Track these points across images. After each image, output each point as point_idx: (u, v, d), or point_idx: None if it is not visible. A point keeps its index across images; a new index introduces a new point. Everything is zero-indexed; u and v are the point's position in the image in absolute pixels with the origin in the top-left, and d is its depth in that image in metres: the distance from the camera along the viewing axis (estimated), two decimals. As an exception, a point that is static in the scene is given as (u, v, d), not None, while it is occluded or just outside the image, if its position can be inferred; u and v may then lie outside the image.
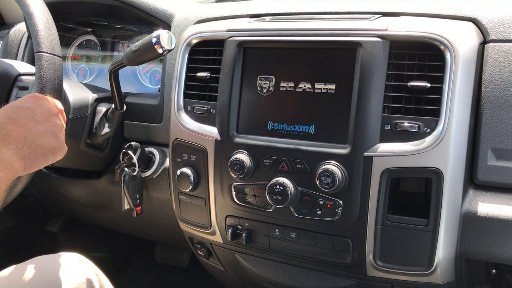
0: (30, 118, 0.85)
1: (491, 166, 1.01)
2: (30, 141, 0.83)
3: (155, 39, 1.12)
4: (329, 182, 1.02)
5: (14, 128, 0.82)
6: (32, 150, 0.83)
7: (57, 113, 0.91)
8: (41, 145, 0.85)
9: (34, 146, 0.84)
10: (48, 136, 0.87)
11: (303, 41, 1.08)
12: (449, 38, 0.97)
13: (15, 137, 0.81)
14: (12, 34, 1.72)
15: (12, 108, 0.85)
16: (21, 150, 0.81)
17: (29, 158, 0.83)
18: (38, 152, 0.84)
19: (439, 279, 1.04)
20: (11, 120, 0.83)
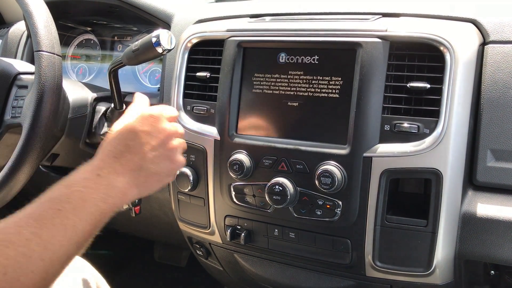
0: (146, 144, 0.84)
1: (491, 167, 1.01)
2: (145, 169, 0.83)
3: (155, 39, 1.12)
4: (328, 182, 1.02)
5: (132, 157, 0.82)
6: (147, 178, 0.84)
7: (172, 134, 0.89)
8: (156, 172, 0.85)
9: (149, 173, 0.84)
10: (163, 161, 0.86)
11: (303, 41, 1.08)
12: (449, 39, 0.97)
13: (131, 166, 0.82)
14: (12, 33, 1.72)
15: (129, 133, 0.85)
16: (136, 179, 0.82)
17: (144, 186, 0.84)
18: (153, 179, 0.85)
19: (438, 280, 1.05)
20: (129, 148, 0.83)
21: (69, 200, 0.73)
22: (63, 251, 0.69)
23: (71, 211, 0.72)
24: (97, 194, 0.76)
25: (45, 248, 0.66)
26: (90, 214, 0.74)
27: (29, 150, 1.09)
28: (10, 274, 0.62)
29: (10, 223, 0.68)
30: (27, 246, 0.65)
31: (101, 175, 0.79)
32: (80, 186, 0.76)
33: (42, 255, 0.66)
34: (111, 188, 0.79)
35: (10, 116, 1.21)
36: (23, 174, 1.10)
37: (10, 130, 1.21)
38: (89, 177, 0.79)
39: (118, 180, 0.80)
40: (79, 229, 0.72)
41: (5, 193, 1.11)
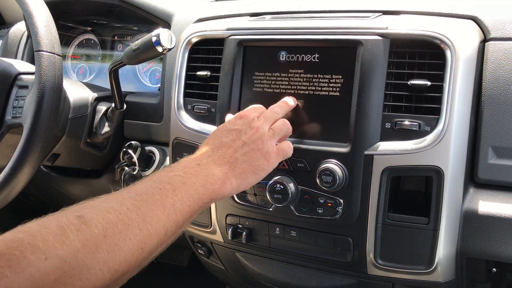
0: (237, 139, 0.93)
1: (492, 164, 1.01)
2: (241, 162, 0.91)
3: (155, 38, 1.12)
4: (329, 180, 1.01)
5: (226, 150, 0.91)
6: (243, 169, 0.90)
7: (264, 132, 0.96)
8: (251, 164, 0.92)
9: (245, 165, 0.91)
10: (255, 154, 0.93)
11: (303, 39, 1.08)
12: (450, 37, 0.97)
13: (228, 158, 0.90)
14: (12, 33, 1.72)
15: (222, 131, 0.95)
16: (233, 171, 0.89)
17: (241, 177, 0.90)
18: (249, 171, 0.91)
19: (439, 278, 1.04)
20: (223, 143, 0.92)
21: (169, 181, 0.79)
22: (161, 226, 0.73)
23: (171, 191, 0.77)
24: (196, 179, 0.82)
25: (144, 219, 0.71)
26: (189, 196, 0.79)
27: (30, 150, 1.09)
28: (109, 238, 0.65)
29: (113, 196, 0.74)
30: (127, 215, 0.69)
31: (200, 164, 0.86)
32: (181, 171, 0.82)
33: (140, 225, 0.70)
34: (210, 175, 0.85)
35: (11, 116, 1.21)
36: (24, 174, 1.10)
37: (11, 130, 1.21)
38: (190, 165, 0.85)
39: (216, 170, 0.87)
40: (178, 208, 0.77)
41: (6, 193, 1.11)
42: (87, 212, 0.67)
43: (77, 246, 0.61)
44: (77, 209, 0.68)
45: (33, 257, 0.57)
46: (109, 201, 0.71)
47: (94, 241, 0.64)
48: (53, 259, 0.59)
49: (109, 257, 0.65)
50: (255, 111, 1.00)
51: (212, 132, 0.96)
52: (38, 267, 0.57)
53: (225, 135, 0.93)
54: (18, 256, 0.57)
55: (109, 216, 0.67)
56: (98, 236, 0.64)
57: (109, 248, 0.65)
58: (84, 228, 0.64)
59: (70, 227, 0.63)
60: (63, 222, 0.63)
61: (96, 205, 0.69)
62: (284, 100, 1.06)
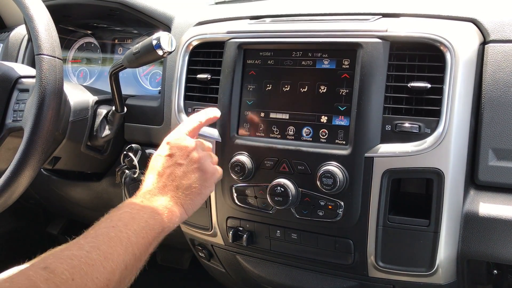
0: (173, 165, 0.94)
1: (492, 166, 1.01)
2: (182, 187, 0.93)
3: (156, 41, 1.12)
4: (330, 183, 1.01)
5: (165, 181, 0.93)
6: (186, 195, 0.93)
7: (195, 147, 0.97)
8: (191, 186, 0.94)
9: (187, 190, 0.93)
10: (193, 173, 0.95)
11: (303, 42, 1.08)
12: (449, 39, 0.97)
13: (168, 187, 0.92)
14: (13, 37, 1.72)
15: (157, 161, 0.96)
16: (178, 198, 0.92)
17: (186, 203, 0.93)
18: (193, 193, 0.93)
19: (440, 280, 1.04)
20: (161, 173, 0.94)
21: (120, 218, 0.82)
22: (121, 260, 0.76)
23: (123, 226, 0.81)
24: (144, 212, 0.85)
25: (105, 257, 0.74)
26: (142, 228, 0.82)
27: (31, 153, 1.09)
28: (77, 280, 0.68)
29: (71, 243, 0.76)
30: (89, 256, 0.72)
31: (144, 200, 0.89)
32: (128, 208, 0.86)
33: (103, 263, 0.73)
34: (156, 207, 0.88)
35: (12, 120, 1.21)
36: (25, 178, 1.10)
37: (11, 133, 1.21)
38: (135, 202, 0.89)
39: (160, 200, 0.90)
40: (133, 241, 0.80)
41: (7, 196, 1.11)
42: (51, 263, 0.69)
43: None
44: (40, 262, 0.70)
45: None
46: (69, 249, 0.74)
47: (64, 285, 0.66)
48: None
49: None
50: (177, 131, 1.01)
51: (149, 167, 0.98)
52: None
53: (159, 165, 0.95)
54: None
55: (72, 262, 0.70)
56: (67, 280, 0.67)
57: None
58: (52, 276, 0.66)
59: (39, 278, 0.65)
60: (31, 275, 0.65)
61: (57, 255, 0.72)
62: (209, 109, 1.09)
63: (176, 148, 0.96)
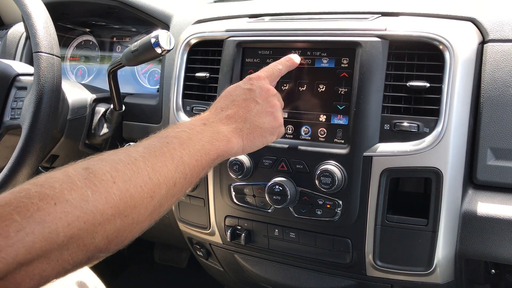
0: (250, 100, 0.90)
1: (491, 166, 1.01)
2: (249, 121, 0.89)
3: (154, 39, 1.12)
4: (328, 182, 1.01)
5: (237, 109, 0.89)
6: (250, 130, 0.89)
7: (275, 94, 0.95)
8: (259, 125, 0.90)
9: (253, 126, 0.89)
10: (266, 116, 0.92)
11: (302, 41, 1.08)
12: (448, 38, 0.97)
13: (236, 118, 0.88)
14: (11, 34, 1.71)
15: (235, 90, 0.92)
16: (240, 130, 0.87)
17: (248, 138, 0.88)
18: (257, 133, 0.89)
19: (438, 279, 1.04)
20: (235, 102, 0.90)
21: (176, 136, 0.78)
22: (170, 176, 0.72)
23: (178, 144, 0.76)
24: (202, 136, 0.81)
25: (153, 169, 0.70)
26: (196, 150, 0.78)
27: (29, 151, 1.09)
28: (119, 184, 0.65)
29: (119, 150, 0.72)
30: (135, 164, 0.68)
31: (206, 124, 0.85)
32: (187, 128, 0.81)
33: (150, 174, 0.69)
34: (216, 133, 0.83)
35: (10, 118, 1.21)
36: (23, 176, 1.10)
37: (9, 131, 1.21)
38: (196, 123, 0.84)
39: (223, 128, 0.85)
40: (186, 161, 0.75)
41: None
42: (94, 164, 0.66)
43: (87, 192, 0.61)
44: (83, 163, 0.66)
45: (41, 203, 0.57)
46: (117, 154, 0.70)
47: (104, 187, 0.63)
48: (62, 203, 0.58)
49: (121, 203, 0.64)
50: (262, 72, 0.98)
51: (226, 90, 0.94)
52: (48, 211, 0.57)
53: (237, 94, 0.91)
54: (26, 203, 0.56)
55: (117, 166, 0.67)
56: (108, 182, 0.64)
57: (120, 194, 0.64)
58: (92, 177, 0.63)
59: (77, 176, 0.62)
60: (70, 172, 0.62)
61: (103, 158, 0.68)
62: (289, 57, 1.05)
63: (258, 86, 0.93)
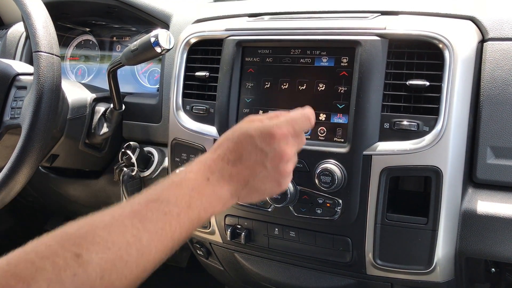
0: (259, 163, 0.81)
1: (490, 164, 1.01)
2: (250, 185, 0.81)
3: (154, 39, 1.12)
4: (328, 181, 1.01)
5: (242, 169, 0.80)
6: (250, 192, 0.82)
7: (290, 159, 0.84)
8: (260, 190, 0.83)
9: (253, 190, 0.82)
10: (271, 182, 0.83)
11: (302, 40, 1.08)
12: (448, 37, 0.97)
13: (239, 178, 0.80)
14: (10, 34, 1.71)
15: (248, 143, 0.81)
16: (239, 192, 0.81)
17: (244, 198, 0.82)
18: (255, 195, 0.83)
19: (438, 278, 1.04)
20: (241, 160, 0.80)
21: (177, 203, 0.72)
22: (157, 257, 0.68)
23: (175, 216, 0.71)
24: (201, 200, 0.75)
25: (143, 254, 0.65)
26: (191, 221, 0.73)
27: (29, 151, 1.09)
28: (105, 279, 0.61)
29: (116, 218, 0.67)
30: (127, 250, 0.63)
31: (210, 179, 0.78)
32: (190, 189, 0.75)
33: (138, 261, 0.65)
34: (215, 197, 0.78)
35: (9, 117, 1.21)
36: (23, 175, 1.10)
37: (9, 131, 1.21)
38: (199, 178, 0.77)
39: (223, 189, 0.79)
40: (176, 236, 0.71)
41: (4, 194, 1.11)
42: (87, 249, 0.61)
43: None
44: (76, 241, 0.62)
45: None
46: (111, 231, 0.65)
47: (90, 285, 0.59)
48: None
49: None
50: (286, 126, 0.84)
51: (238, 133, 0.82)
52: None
53: (248, 150, 0.81)
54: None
55: (108, 253, 0.62)
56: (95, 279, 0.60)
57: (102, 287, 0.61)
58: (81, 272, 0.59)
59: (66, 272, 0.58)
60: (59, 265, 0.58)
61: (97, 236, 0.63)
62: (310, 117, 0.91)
63: (273, 148, 0.81)
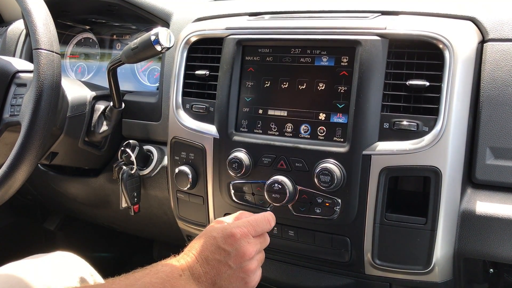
0: (223, 263, 0.87)
1: (490, 165, 1.01)
2: (218, 285, 0.87)
3: (154, 37, 1.12)
4: (327, 180, 1.02)
5: (208, 270, 0.86)
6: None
7: (252, 255, 0.90)
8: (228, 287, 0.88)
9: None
10: (236, 281, 0.89)
11: (302, 39, 1.08)
12: (448, 37, 0.97)
13: (207, 279, 0.86)
14: (10, 31, 1.71)
15: (211, 245, 0.88)
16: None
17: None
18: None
19: (437, 278, 1.05)
20: (208, 261, 0.87)
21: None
22: None
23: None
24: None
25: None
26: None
27: (28, 148, 1.08)
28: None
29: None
30: None
31: (182, 276, 0.85)
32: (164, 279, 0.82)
33: None
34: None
35: (9, 114, 1.20)
36: (22, 173, 1.09)
37: (9, 128, 1.20)
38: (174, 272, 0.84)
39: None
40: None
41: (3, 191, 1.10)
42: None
43: None
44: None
45: None
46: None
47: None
48: None
49: None
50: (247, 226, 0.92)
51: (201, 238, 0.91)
52: None
53: (211, 251, 0.88)
54: None
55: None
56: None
57: None
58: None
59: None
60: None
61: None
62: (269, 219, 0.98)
63: (234, 247, 0.88)
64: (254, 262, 0.91)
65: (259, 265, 0.94)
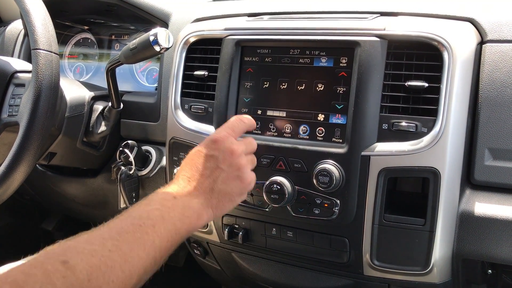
0: (214, 168, 0.90)
1: (488, 166, 1.01)
2: (217, 191, 0.89)
3: (153, 37, 1.12)
4: (326, 181, 1.01)
5: (203, 180, 0.89)
6: (219, 199, 0.90)
7: (240, 153, 0.93)
8: (227, 192, 0.91)
9: (221, 195, 0.90)
10: (233, 181, 0.91)
11: (301, 40, 1.08)
12: (447, 38, 0.97)
13: (204, 188, 0.89)
14: (9, 31, 1.71)
15: (198, 157, 0.92)
16: (209, 201, 0.89)
17: (217, 207, 0.90)
18: (225, 200, 0.90)
19: (435, 279, 1.05)
20: (200, 172, 0.90)
21: (149, 216, 0.79)
22: (141, 264, 0.74)
23: (150, 227, 0.77)
24: (174, 213, 0.82)
25: (126, 260, 0.71)
26: (168, 231, 0.80)
27: (26, 148, 1.08)
28: (93, 282, 0.66)
29: (94, 235, 0.73)
30: (110, 257, 0.70)
31: (177, 197, 0.86)
32: (159, 205, 0.82)
33: (123, 267, 0.70)
34: (187, 208, 0.85)
35: (7, 115, 1.20)
36: (20, 173, 1.09)
37: (7, 128, 1.20)
38: (167, 197, 0.85)
39: (193, 202, 0.87)
40: (157, 245, 0.77)
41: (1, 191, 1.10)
42: (71, 257, 0.67)
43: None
44: (61, 253, 0.68)
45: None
46: (92, 243, 0.71)
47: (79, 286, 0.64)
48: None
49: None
50: (225, 130, 0.97)
51: (187, 158, 0.93)
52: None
53: (201, 163, 0.91)
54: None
55: (93, 259, 0.68)
56: (83, 281, 0.65)
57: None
58: (70, 274, 0.64)
59: (55, 274, 0.63)
60: (48, 270, 0.63)
61: (79, 247, 0.69)
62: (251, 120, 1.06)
63: (221, 150, 0.91)
64: (243, 158, 0.94)
65: (250, 164, 0.97)
